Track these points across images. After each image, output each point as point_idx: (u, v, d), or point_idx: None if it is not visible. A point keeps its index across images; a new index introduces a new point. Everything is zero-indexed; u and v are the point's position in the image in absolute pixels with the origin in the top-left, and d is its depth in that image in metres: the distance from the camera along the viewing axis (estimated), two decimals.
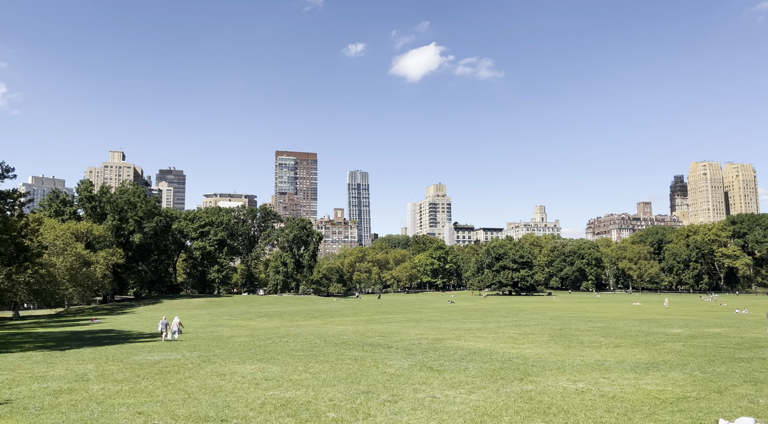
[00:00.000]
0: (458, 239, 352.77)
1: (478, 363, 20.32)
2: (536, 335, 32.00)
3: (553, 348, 25.42)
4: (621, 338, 30.20)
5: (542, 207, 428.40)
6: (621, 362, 20.63)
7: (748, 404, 12.97)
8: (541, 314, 57.08)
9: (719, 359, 21.12)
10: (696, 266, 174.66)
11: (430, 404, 13.13)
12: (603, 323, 42.61)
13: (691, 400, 13.58)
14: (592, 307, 75.55)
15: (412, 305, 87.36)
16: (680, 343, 27.27)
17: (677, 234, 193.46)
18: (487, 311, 65.60)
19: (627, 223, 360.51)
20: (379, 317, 54.35)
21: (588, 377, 17.01)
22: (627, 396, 14.06)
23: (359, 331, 36.37)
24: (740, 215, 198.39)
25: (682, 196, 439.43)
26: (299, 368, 19.38)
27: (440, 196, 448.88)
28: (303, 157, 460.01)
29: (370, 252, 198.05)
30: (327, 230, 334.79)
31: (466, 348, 25.46)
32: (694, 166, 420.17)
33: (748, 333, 33.12)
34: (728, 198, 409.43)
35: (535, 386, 15.47)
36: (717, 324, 41.26)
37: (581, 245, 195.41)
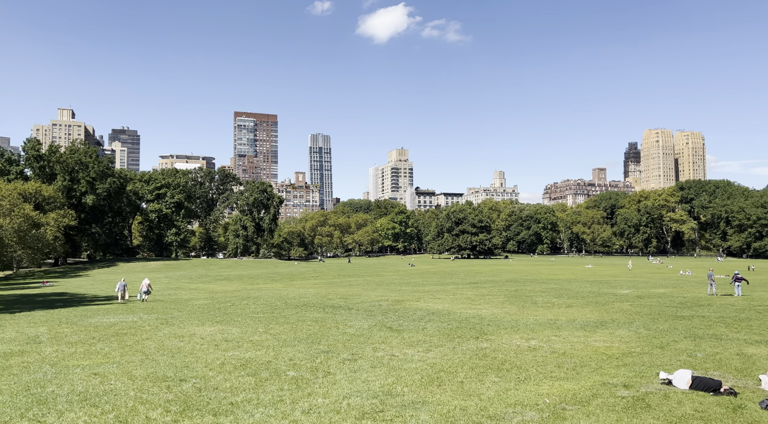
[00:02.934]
0: (419, 204, 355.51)
1: (436, 323, 20.82)
2: (493, 297, 32.93)
3: (508, 308, 26.25)
4: (573, 298, 31.41)
5: (501, 172, 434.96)
6: (572, 320, 21.51)
7: (687, 358, 13.80)
8: (498, 276, 58.66)
9: (662, 318, 22.28)
10: (646, 230, 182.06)
11: (389, 362, 13.44)
12: (556, 284, 44.16)
13: (635, 355, 14.34)
14: (547, 269, 78.08)
15: (373, 268, 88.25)
16: (628, 303, 28.58)
17: (629, 199, 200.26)
18: (446, 273, 66.95)
19: (582, 188, 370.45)
20: (340, 280, 54.75)
21: (540, 335, 17.69)
22: (576, 352, 14.72)
23: (320, 293, 36.61)
24: (688, 182, 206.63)
25: (635, 162, 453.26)
26: (259, 329, 19.44)
27: (402, 161, 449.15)
28: (263, 119, 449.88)
29: (332, 216, 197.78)
30: (288, 194, 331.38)
31: (424, 309, 26.01)
32: (648, 134, 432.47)
33: (690, 293, 34.99)
34: (678, 165, 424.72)
35: (490, 344, 16.00)
36: (662, 285, 43.38)
37: (538, 209, 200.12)
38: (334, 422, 8.77)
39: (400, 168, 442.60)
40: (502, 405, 9.64)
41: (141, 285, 33.82)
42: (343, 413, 9.24)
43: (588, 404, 9.65)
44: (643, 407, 9.42)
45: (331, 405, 9.69)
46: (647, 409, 9.34)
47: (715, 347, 15.46)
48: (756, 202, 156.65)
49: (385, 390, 10.74)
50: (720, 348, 15.21)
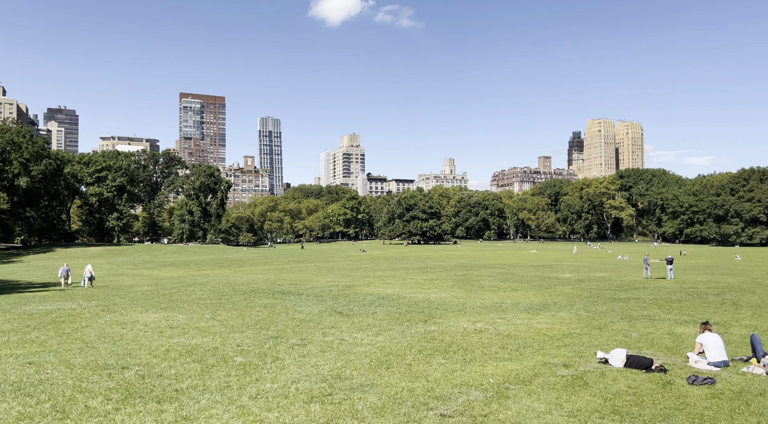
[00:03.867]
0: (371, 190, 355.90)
1: (386, 307, 21.02)
2: (441, 281, 33.51)
3: (456, 292, 26.79)
4: (518, 282, 32.37)
5: (451, 160, 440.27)
6: (516, 303, 22.19)
7: (623, 338, 14.51)
8: (447, 261, 59.69)
9: (601, 300, 23.31)
10: (587, 217, 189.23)
11: (339, 346, 13.49)
12: (502, 269, 45.38)
13: (575, 336, 14.96)
14: (494, 254, 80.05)
15: (324, 253, 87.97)
16: (569, 286, 29.72)
17: (572, 187, 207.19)
18: (397, 259, 67.56)
19: (528, 176, 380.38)
20: (290, 265, 54.32)
21: (486, 318, 18.17)
22: (520, 334, 15.22)
23: (270, 279, 36.23)
24: (627, 170, 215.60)
25: (579, 151, 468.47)
26: (206, 315, 19.08)
27: (354, 146, 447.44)
28: (210, 101, 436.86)
29: (282, 201, 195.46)
30: (236, 178, 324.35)
31: (375, 294, 26.20)
32: (590, 123, 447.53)
33: (627, 277, 36.72)
34: (618, 154, 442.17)
35: (438, 327, 16.31)
36: (602, 269, 45.31)
37: (486, 196, 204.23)
38: (282, 406, 8.75)
39: (352, 154, 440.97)
40: (449, 386, 9.88)
41: (84, 271, 32.53)
42: (291, 397, 9.23)
43: (530, 383, 10.01)
44: (581, 385, 9.86)
45: (280, 390, 9.66)
46: (585, 386, 9.78)
47: (648, 327, 16.32)
48: (688, 191, 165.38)
49: (334, 374, 10.79)
50: (653, 328, 16.07)
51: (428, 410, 8.49)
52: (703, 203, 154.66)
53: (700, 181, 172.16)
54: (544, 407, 8.60)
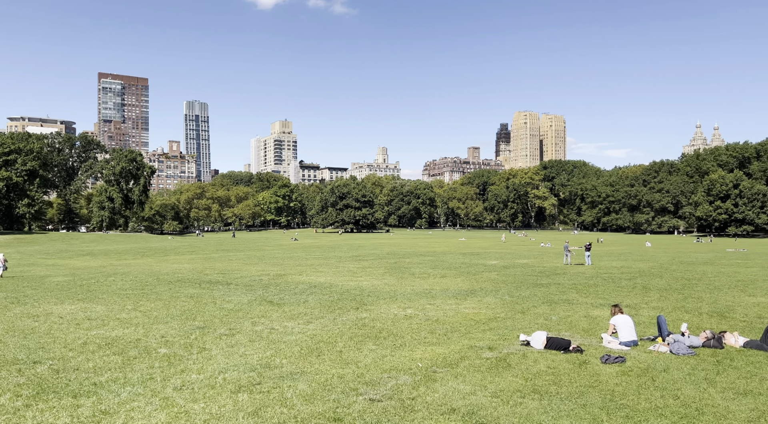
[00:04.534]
0: (304, 178, 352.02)
1: (318, 296, 20.96)
2: (373, 269, 33.79)
3: (387, 280, 27.11)
4: (447, 269, 33.19)
5: (384, 148, 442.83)
6: (445, 290, 22.77)
7: (544, 321, 15.25)
8: (379, 249, 60.21)
9: (525, 285, 24.35)
10: (513, 206, 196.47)
11: (268, 335, 13.33)
12: (433, 256, 46.36)
13: (500, 320, 15.56)
14: (424, 242, 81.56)
15: (254, 242, 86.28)
16: (495, 272, 30.81)
17: (500, 177, 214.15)
18: (329, 247, 67.38)
19: (458, 166, 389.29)
20: (218, 255, 52.89)
21: (416, 304, 18.53)
22: (448, 319, 15.64)
23: (197, 269, 35.13)
24: (550, 161, 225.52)
25: (506, 142, 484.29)
26: (128, 306, 18.26)
27: (286, 133, 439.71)
28: (132, 82, 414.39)
29: (210, 188, 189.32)
30: (161, 164, 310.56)
31: (306, 282, 26.03)
32: (517, 116, 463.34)
33: (549, 263, 38.54)
34: (543, 145, 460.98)
35: (369, 314, 16.46)
36: (525, 256, 47.29)
37: (418, 185, 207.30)
38: (208, 396, 8.56)
39: (284, 140, 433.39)
40: (378, 371, 10.02)
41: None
42: (218, 387, 9.04)
43: (456, 366, 10.34)
44: (504, 367, 10.29)
45: (206, 380, 9.44)
46: (508, 368, 10.21)
47: (567, 310, 17.23)
48: (606, 182, 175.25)
49: (264, 363, 10.67)
50: (571, 312, 16.99)
51: (358, 396, 8.59)
52: (619, 194, 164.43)
53: (617, 172, 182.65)
54: (469, 389, 8.92)
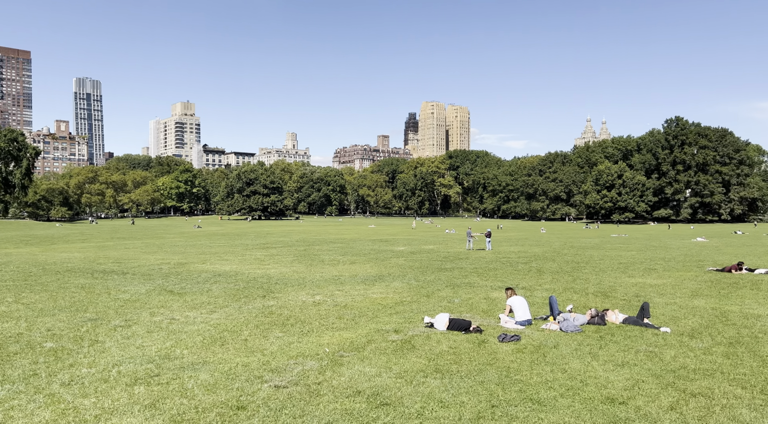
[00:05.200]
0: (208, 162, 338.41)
1: (223, 284, 20.34)
2: (282, 256, 33.30)
3: (296, 267, 26.85)
4: (356, 255, 33.46)
5: (294, 134, 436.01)
6: (354, 276, 22.96)
7: (447, 304, 15.84)
8: (288, 236, 59.42)
9: (430, 270, 25.12)
10: (421, 194, 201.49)
11: (168, 326, 12.77)
12: (342, 243, 46.49)
13: (406, 303, 15.96)
14: (335, 230, 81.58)
15: (153, 230, 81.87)
16: (402, 258, 31.50)
17: (408, 165, 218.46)
18: (236, 235, 65.48)
19: (368, 153, 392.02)
20: (113, 243, 49.66)
21: (325, 291, 18.53)
22: (356, 304, 15.81)
23: (89, 258, 32.77)
24: (455, 151, 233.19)
25: (414, 131, 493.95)
26: (8, 299, 16.69)
27: (188, 115, 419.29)
28: (11, 54, 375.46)
29: (104, 172, 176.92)
30: (47, 145, 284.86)
31: (210, 271, 25.16)
32: (425, 106, 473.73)
33: (453, 248, 40.01)
34: (449, 135, 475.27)
35: (276, 302, 16.24)
36: (432, 242, 48.74)
37: (328, 172, 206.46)
38: (101, 391, 8.06)
39: (186, 123, 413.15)
40: (285, 358, 9.94)
41: None
42: (112, 381, 8.54)
43: (363, 350, 10.49)
44: (409, 348, 10.59)
45: (98, 374, 8.88)
46: (412, 349, 10.52)
47: (468, 293, 18.01)
48: (506, 171, 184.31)
49: (163, 354, 10.21)
50: (472, 294, 17.78)
51: (263, 383, 8.48)
52: (518, 183, 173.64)
53: (516, 162, 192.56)
54: (375, 371, 9.09)
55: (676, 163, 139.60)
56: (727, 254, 33.72)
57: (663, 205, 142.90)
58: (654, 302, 15.69)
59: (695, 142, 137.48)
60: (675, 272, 23.84)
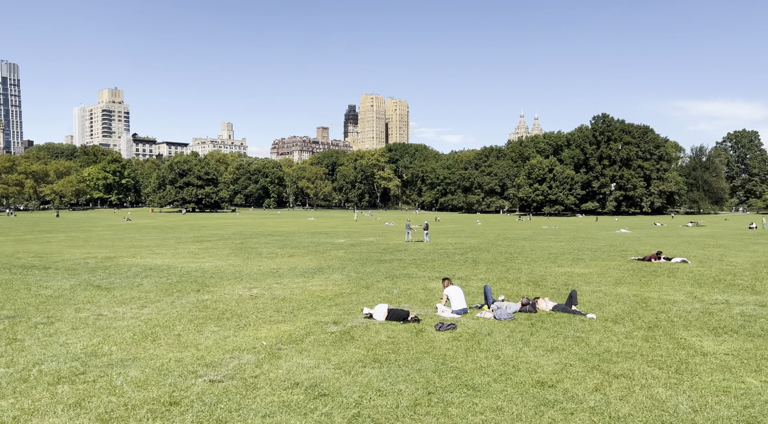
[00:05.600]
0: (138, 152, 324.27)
1: (154, 279, 19.61)
2: (217, 250, 32.46)
3: (232, 260, 26.26)
4: (295, 248, 33.11)
5: (230, 124, 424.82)
6: (293, 268, 22.72)
7: (386, 295, 15.99)
8: (224, 229, 57.97)
9: (369, 262, 25.24)
10: (360, 186, 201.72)
11: (95, 322, 12.18)
12: (281, 236, 45.86)
13: (345, 295, 15.97)
14: (273, 222, 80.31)
15: (79, 223, 77.67)
16: (342, 250, 31.47)
17: (348, 158, 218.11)
18: (168, 227, 63.21)
19: (308, 145, 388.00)
20: (34, 236, 46.72)
21: (263, 284, 18.24)
22: (295, 297, 15.66)
23: (5, 252, 30.69)
24: (395, 144, 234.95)
25: (354, 124, 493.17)
26: None
27: (116, 102, 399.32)
28: None
29: (23, 162, 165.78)
30: None
31: (141, 265, 24.18)
32: (364, 98, 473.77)
33: (392, 240, 40.37)
34: (388, 128, 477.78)
35: (211, 296, 15.84)
36: (371, 234, 48.96)
37: (266, 164, 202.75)
38: (20, 391, 7.59)
39: (114, 111, 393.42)
40: (220, 352, 9.72)
41: None
42: (32, 380, 8.06)
43: (302, 342, 10.43)
44: (348, 339, 10.61)
45: (17, 374, 8.35)
46: (351, 340, 10.56)
47: (407, 284, 18.25)
48: (443, 165, 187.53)
49: (89, 351, 9.74)
50: (411, 285, 18.03)
51: (197, 378, 8.26)
52: (455, 176, 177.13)
53: (453, 156, 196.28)
54: (313, 363, 9.06)
55: (603, 158, 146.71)
56: (648, 244, 35.87)
57: (590, 198, 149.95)
58: (581, 290, 16.49)
59: (620, 139, 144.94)
60: (600, 262, 25.13)
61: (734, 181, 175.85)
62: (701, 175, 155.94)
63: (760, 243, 36.86)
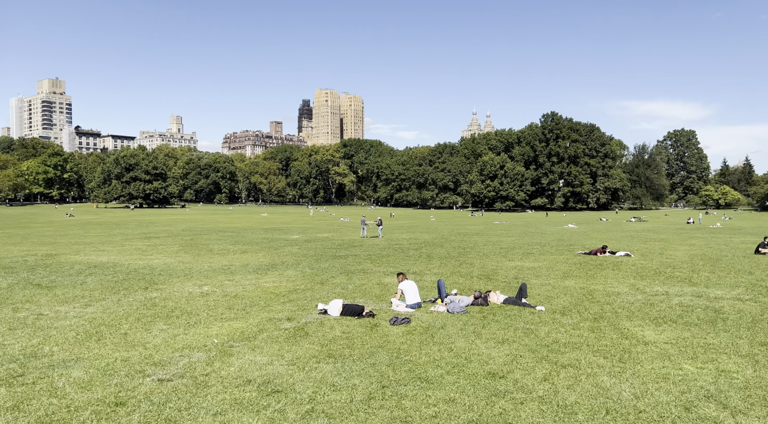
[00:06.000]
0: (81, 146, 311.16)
1: (99, 276, 18.89)
2: (166, 246, 31.57)
3: (182, 257, 25.60)
4: (248, 244, 32.57)
5: (179, 117, 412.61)
6: (246, 265, 22.35)
7: (341, 290, 15.95)
8: (174, 225, 56.43)
9: (324, 258, 25.12)
10: (315, 182, 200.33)
11: (35, 322, 11.63)
12: (233, 232, 45.02)
13: (299, 291, 15.84)
14: (225, 218, 78.73)
15: (17, 218, 73.93)
16: (297, 247, 31.18)
17: (302, 153, 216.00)
18: (114, 223, 61.02)
19: (261, 140, 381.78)
20: None
21: (214, 281, 17.87)
22: (247, 294, 15.42)
23: None
24: (350, 140, 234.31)
25: (308, 118, 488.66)
26: None
27: (58, 93, 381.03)
28: None
29: None
30: None
31: (85, 262, 23.24)
32: (319, 93, 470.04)
33: (347, 236, 40.30)
34: (343, 124, 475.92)
35: (160, 294, 15.40)
36: (326, 230, 48.73)
37: (217, 158, 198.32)
38: None
39: (55, 102, 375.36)
40: (169, 351, 9.47)
41: None
42: None
43: (254, 339, 10.28)
44: (302, 335, 10.54)
45: None
46: (305, 336, 10.49)
47: (362, 279, 18.27)
48: (398, 161, 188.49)
49: (28, 352, 9.29)
50: (366, 280, 18.06)
51: (144, 377, 8.01)
52: (409, 172, 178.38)
53: (407, 152, 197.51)
54: (266, 360, 8.95)
55: (552, 155, 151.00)
56: (594, 239, 37.19)
57: (539, 194, 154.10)
58: (531, 283, 16.94)
59: (568, 137, 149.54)
60: (549, 256, 25.88)
61: (674, 178, 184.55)
62: (643, 172, 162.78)
63: (697, 237, 38.83)
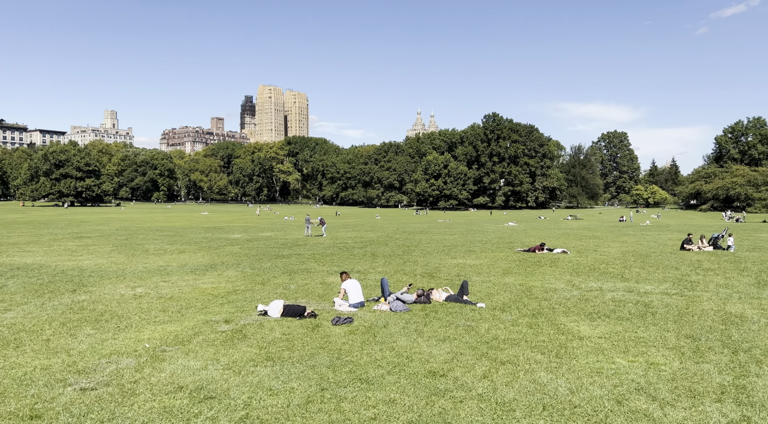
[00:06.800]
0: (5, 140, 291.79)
1: (22, 279, 17.70)
2: (98, 246, 30.04)
3: (115, 258, 24.41)
4: (186, 244, 31.46)
5: (114, 112, 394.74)
6: (183, 266, 21.54)
7: (283, 291, 15.61)
8: (107, 225, 53.89)
9: (266, 257, 24.57)
10: (259, 180, 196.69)
11: None
12: (171, 232, 43.42)
13: (239, 292, 15.39)
14: (162, 217, 75.93)
15: None
16: (238, 246, 30.38)
17: (245, 150, 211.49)
18: (42, 223, 57.59)
19: (201, 136, 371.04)
20: None
21: (148, 283, 17.10)
22: (184, 295, 14.83)
23: None
24: (295, 137, 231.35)
25: (251, 115, 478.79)
26: None
27: None
28: None
29: None
30: None
31: (7, 264, 21.75)
32: (262, 89, 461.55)
33: (291, 235, 39.69)
34: (287, 121, 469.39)
35: (89, 296, 14.57)
36: (269, 229, 47.83)
37: (155, 155, 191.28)
38: None
39: None
40: (96, 357, 8.93)
41: None
42: None
43: (189, 343, 9.86)
44: (240, 338, 10.20)
45: None
46: (244, 339, 10.15)
47: (305, 279, 17.96)
48: (344, 159, 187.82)
49: None
50: (309, 280, 17.77)
51: (65, 387, 7.49)
52: (355, 171, 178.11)
53: (353, 151, 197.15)
54: (200, 364, 8.59)
55: (493, 155, 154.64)
56: (533, 237, 38.27)
57: (482, 193, 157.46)
58: (472, 281, 17.17)
59: (508, 137, 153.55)
60: (490, 253, 26.39)
61: (607, 178, 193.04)
62: (579, 172, 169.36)
63: (628, 234, 40.69)
